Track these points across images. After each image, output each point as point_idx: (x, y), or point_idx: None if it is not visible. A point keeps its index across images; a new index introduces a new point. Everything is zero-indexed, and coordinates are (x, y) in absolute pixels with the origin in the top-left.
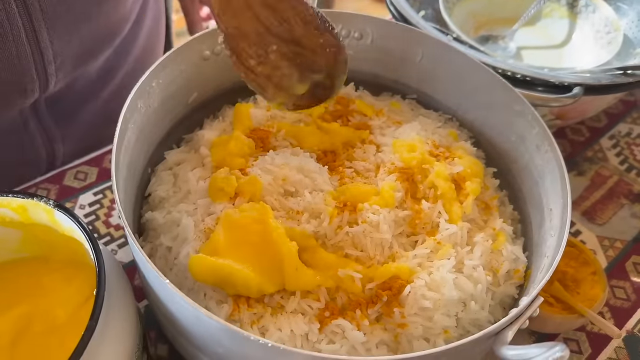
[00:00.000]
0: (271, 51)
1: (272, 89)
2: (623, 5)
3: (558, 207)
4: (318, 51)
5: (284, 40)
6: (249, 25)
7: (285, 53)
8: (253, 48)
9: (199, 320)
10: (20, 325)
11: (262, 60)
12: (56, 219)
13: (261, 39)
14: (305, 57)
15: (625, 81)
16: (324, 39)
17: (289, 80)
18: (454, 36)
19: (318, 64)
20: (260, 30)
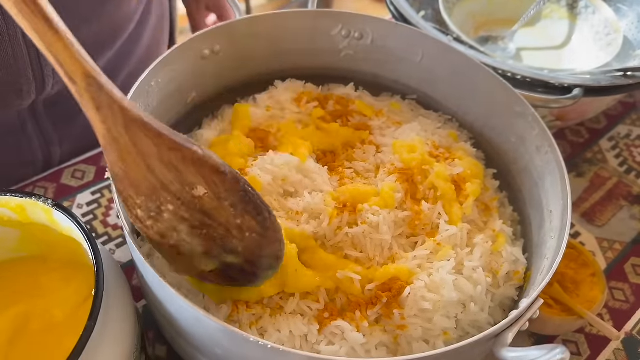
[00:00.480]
0: (166, 210)
1: (169, 250)
2: (623, 7)
3: (558, 208)
4: (233, 231)
5: (186, 205)
6: (139, 175)
7: (184, 218)
8: (142, 198)
9: (198, 321)
10: (18, 324)
11: (153, 215)
12: (55, 218)
13: (153, 194)
14: (214, 230)
15: (625, 83)
16: (242, 221)
17: (189, 247)
18: (454, 37)
19: (232, 243)
20: (153, 184)
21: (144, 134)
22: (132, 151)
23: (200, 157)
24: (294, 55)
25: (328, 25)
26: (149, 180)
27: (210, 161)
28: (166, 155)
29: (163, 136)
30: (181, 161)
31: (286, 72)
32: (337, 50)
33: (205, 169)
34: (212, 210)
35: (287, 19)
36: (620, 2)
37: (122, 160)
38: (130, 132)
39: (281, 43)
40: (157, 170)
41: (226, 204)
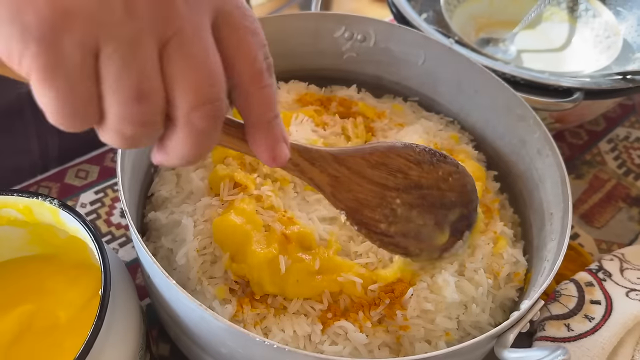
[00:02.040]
0: (396, 206)
1: (414, 244)
2: (623, 10)
3: (558, 211)
4: (441, 185)
5: (405, 190)
6: (365, 192)
7: (410, 202)
8: (377, 211)
9: (204, 321)
10: (22, 324)
11: (391, 220)
12: (61, 218)
13: (382, 199)
14: (431, 196)
15: (624, 86)
16: (442, 171)
17: (426, 229)
18: (456, 39)
19: (447, 197)
20: (378, 191)
21: (349, 157)
22: (351, 176)
23: (390, 145)
24: (297, 56)
25: (331, 27)
26: (374, 191)
27: (396, 143)
28: (371, 159)
29: (361, 150)
30: (382, 156)
31: (289, 74)
32: (340, 52)
33: (397, 149)
34: (420, 178)
35: (290, 21)
36: (620, 6)
37: (349, 191)
38: (343, 163)
39: (284, 45)
40: (374, 176)
41: (425, 166)
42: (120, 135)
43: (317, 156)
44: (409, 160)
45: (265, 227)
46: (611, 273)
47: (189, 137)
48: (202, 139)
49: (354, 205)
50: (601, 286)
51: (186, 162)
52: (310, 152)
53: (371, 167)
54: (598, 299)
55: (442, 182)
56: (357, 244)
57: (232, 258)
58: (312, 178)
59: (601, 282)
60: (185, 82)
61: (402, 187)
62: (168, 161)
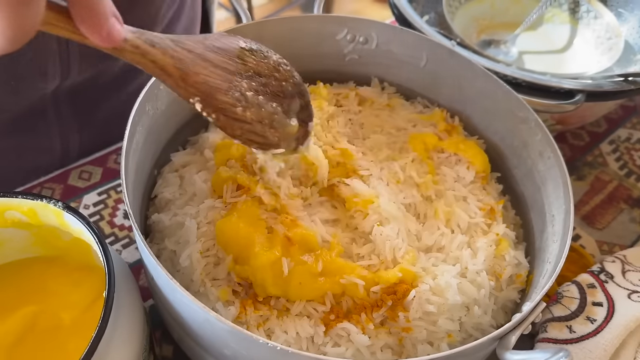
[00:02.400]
0: (244, 90)
1: (271, 132)
2: (624, 12)
3: (560, 213)
4: (276, 75)
5: (247, 76)
6: (212, 75)
7: (255, 88)
8: (229, 94)
9: (208, 323)
10: (25, 326)
11: (244, 104)
12: (65, 220)
13: (230, 83)
14: (272, 85)
15: (626, 88)
16: (271, 61)
17: (278, 116)
18: (457, 41)
19: (284, 86)
20: (222, 74)
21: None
22: (192, 57)
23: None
24: (299, 59)
25: (333, 29)
26: (218, 73)
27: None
28: (207, 43)
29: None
30: (216, 40)
31: None
32: (342, 55)
33: (228, 37)
34: (257, 67)
35: (293, 24)
36: (621, 7)
37: (196, 74)
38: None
39: (287, 47)
40: (214, 59)
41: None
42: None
43: (156, 39)
44: (241, 47)
45: (268, 229)
46: (613, 275)
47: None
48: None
49: (206, 88)
50: (603, 288)
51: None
52: (146, 34)
53: (210, 51)
54: (600, 301)
55: (276, 71)
56: (359, 245)
57: (235, 260)
58: (155, 61)
59: (603, 284)
60: None
61: (244, 72)
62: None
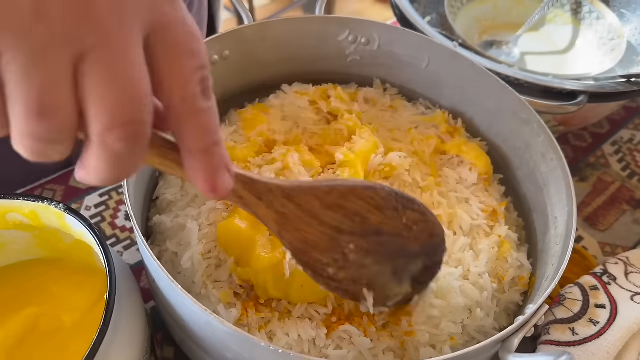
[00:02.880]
0: (349, 251)
1: (363, 291)
2: (627, 13)
3: (563, 215)
4: (404, 233)
5: (361, 235)
6: (315, 234)
7: (366, 248)
8: (327, 255)
9: (209, 325)
10: (27, 327)
11: (341, 264)
12: (66, 222)
13: (334, 243)
14: (391, 244)
15: (629, 89)
16: (406, 218)
17: (381, 278)
18: (459, 42)
19: (409, 246)
20: (330, 234)
21: (303, 194)
22: (300, 215)
23: (352, 185)
24: (301, 60)
25: (335, 30)
26: (325, 233)
27: (358, 183)
28: (326, 199)
29: (318, 187)
30: (340, 197)
31: (293, 77)
32: (344, 56)
33: (358, 191)
34: (381, 225)
35: (295, 25)
36: (624, 8)
37: (297, 230)
38: (293, 200)
39: (289, 48)
40: (327, 218)
41: (388, 212)
42: (25, 149)
43: (264, 190)
44: (369, 204)
45: (269, 232)
46: (616, 277)
47: (104, 159)
48: (120, 162)
49: (301, 246)
50: (606, 290)
51: (106, 183)
52: (257, 185)
53: (325, 208)
54: (603, 303)
55: (406, 230)
56: None
57: (237, 262)
58: (257, 213)
59: (606, 285)
60: (100, 100)
61: (359, 232)
62: (87, 179)
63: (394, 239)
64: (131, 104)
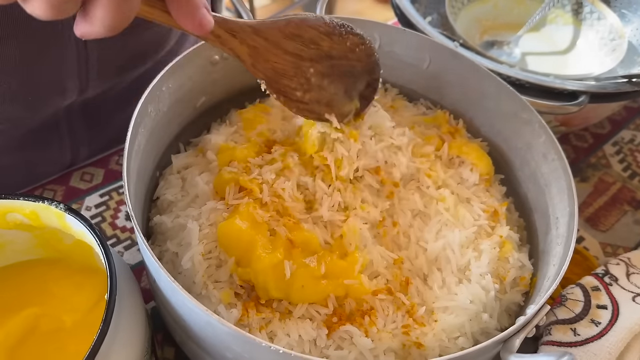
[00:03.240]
0: (310, 75)
1: (326, 110)
2: (628, 13)
3: (564, 215)
4: (349, 55)
5: (317, 60)
6: (282, 62)
7: (322, 71)
8: (294, 80)
9: (210, 325)
10: (27, 328)
11: (306, 87)
12: (67, 222)
13: (298, 69)
14: (341, 66)
15: (630, 89)
16: (350, 42)
17: (337, 97)
18: (460, 42)
19: (354, 66)
20: (293, 61)
21: (267, 28)
22: (268, 46)
23: (303, 17)
24: None
25: None
26: (289, 60)
27: (308, 15)
28: (286, 30)
29: (277, 21)
30: (296, 28)
31: None
32: None
33: (310, 21)
34: (331, 49)
35: None
36: (624, 8)
37: (267, 61)
38: (260, 34)
39: None
40: (289, 47)
41: (335, 37)
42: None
43: (237, 28)
44: (320, 31)
45: (270, 232)
46: (617, 277)
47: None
48: (121, 8)
49: (272, 74)
50: (607, 291)
51: (109, 29)
52: (229, 24)
53: (286, 38)
54: (604, 304)
55: (350, 52)
56: None
57: (237, 262)
58: (233, 48)
59: (607, 286)
60: None
61: (315, 57)
62: (91, 30)
63: (342, 61)
64: None
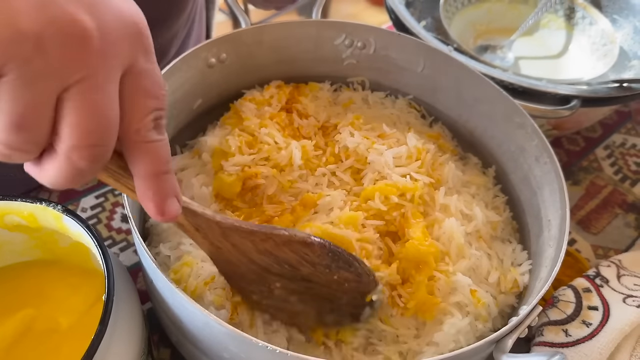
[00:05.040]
0: (275, 288)
1: (285, 317)
2: (619, 18)
3: (556, 218)
4: (333, 286)
5: (288, 278)
6: (244, 269)
7: (291, 288)
8: (253, 286)
9: (207, 326)
10: (22, 329)
11: (266, 295)
12: (64, 223)
13: (261, 279)
14: (318, 290)
15: (621, 94)
16: (338, 276)
17: (304, 314)
18: (454, 46)
19: (336, 296)
20: (258, 272)
21: (239, 236)
22: (233, 252)
23: (288, 238)
24: (298, 63)
25: (332, 34)
26: (254, 270)
27: (295, 239)
28: (261, 245)
29: (255, 233)
30: (274, 247)
31: (290, 80)
32: (340, 59)
33: (294, 245)
34: (311, 275)
35: (292, 29)
36: (616, 14)
37: (228, 263)
38: (229, 239)
39: (286, 51)
40: (257, 259)
41: (321, 268)
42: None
43: (204, 224)
44: (303, 258)
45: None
46: (608, 279)
47: (64, 170)
48: (76, 175)
49: (230, 274)
50: (598, 292)
51: (53, 186)
52: (197, 218)
53: (258, 252)
54: (595, 305)
55: (335, 284)
56: None
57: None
58: (194, 239)
59: (598, 288)
60: (75, 123)
61: (287, 276)
62: (37, 177)
63: (322, 288)
64: (101, 131)
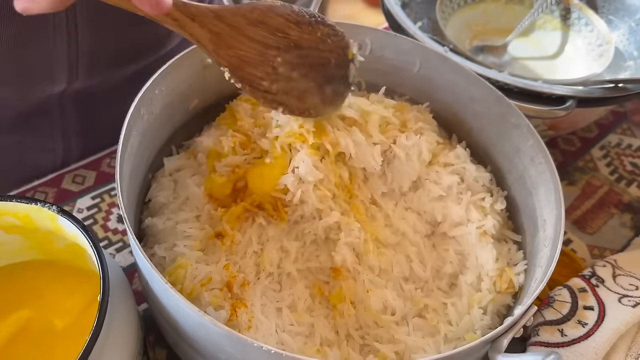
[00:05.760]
0: (277, 64)
1: (296, 103)
2: (615, 19)
3: (552, 218)
4: (320, 47)
5: (285, 49)
6: (246, 49)
7: (290, 61)
8: (260, 69)
9: (203, 327)
10: (17, 329)
11: (273, 77)
12: (59, 224)
13: (263, 57)
14: (311, 57)
15: (616, 94)
16: (320, 32)
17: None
18: (450, 47)
19: (326, 58)
20: (259, 49)
21: (230, 14)
22: (231, 33)
23: (270, 4)
24: None
25: None
26: (254, 48)
27: (276, 2)
28: (251, 17)
29: (240, 7)
30: (262, 14)
31: None
32: None
33: (277, 8)
34: (300, 39)
35: None
36: (612, 14)
37: (230, 48)
38: (223, 20)
39: None
40: (253, 34)
41: (304, 26)
42: None
43: (196, 12)
44: (288, 19)
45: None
46: (604, 279)
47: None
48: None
49: (236, 62)
50: (594, 292)
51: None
52: (189, 7)
53: (251, 25)
54: (591, 305)
55: (322, 43)
56: None
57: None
58: (192, 34)
59: (594, 288)
60: None
61: (283, 46)
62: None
63: (313, 52)
64: None
